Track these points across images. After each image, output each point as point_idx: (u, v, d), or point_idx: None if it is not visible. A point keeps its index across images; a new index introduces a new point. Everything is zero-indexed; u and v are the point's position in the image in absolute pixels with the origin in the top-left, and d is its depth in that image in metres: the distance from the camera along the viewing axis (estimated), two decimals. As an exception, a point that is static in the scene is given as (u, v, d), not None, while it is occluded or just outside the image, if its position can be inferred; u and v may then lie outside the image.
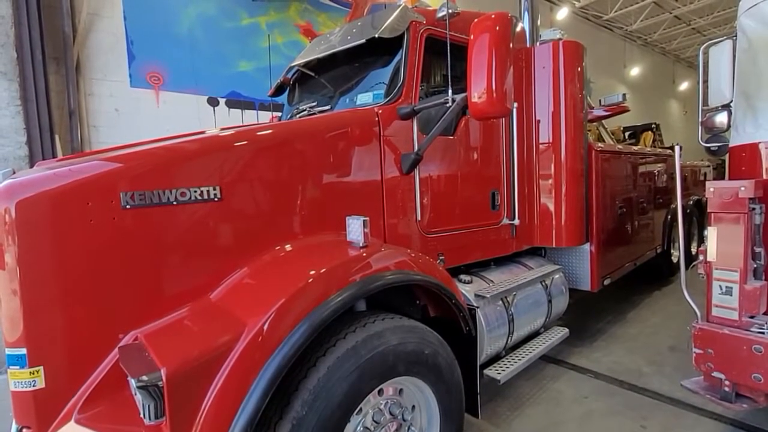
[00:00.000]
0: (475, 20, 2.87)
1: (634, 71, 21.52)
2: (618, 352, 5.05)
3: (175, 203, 2.34)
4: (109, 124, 8.01)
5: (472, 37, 2.85)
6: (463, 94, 2.94)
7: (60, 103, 7.67)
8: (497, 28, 2.79)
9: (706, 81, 3.64)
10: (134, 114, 8.24)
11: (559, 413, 3.88)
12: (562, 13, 16.10)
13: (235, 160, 2.57)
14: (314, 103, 3.75)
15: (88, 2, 7.76)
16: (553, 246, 4.46)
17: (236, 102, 9.62)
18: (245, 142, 2.64)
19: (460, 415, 2.89)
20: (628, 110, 5.49)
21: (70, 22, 7.70)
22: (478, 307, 3.33)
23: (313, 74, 3.97)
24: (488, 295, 3.45)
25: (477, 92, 2.83)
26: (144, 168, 2.31)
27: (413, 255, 2.87)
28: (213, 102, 9.42)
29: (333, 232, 2.89)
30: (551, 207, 4.34)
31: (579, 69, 4.33)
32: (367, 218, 2.61)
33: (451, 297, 2.91)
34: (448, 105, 3.05)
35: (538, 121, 4.33)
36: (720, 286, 3.06)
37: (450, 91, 3.04)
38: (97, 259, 2.16)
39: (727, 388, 3.02)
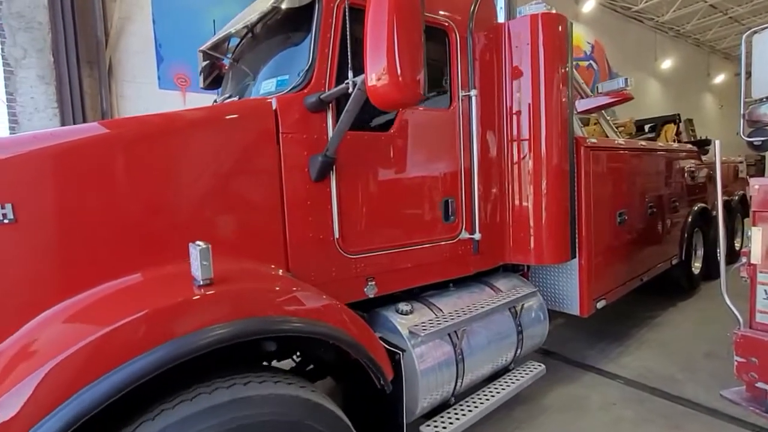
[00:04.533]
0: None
1: (666, 64, 18.71)
2: (648, 358, 4.24)
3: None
4: (138, 125, 7.45)
5: None
6: (363, 76, 1.87)
7: (94, 105, 7.30)
8: (402, -20, 1.69)
9: (748, 71, 3.17)
10: (163, 115, 7.66)
11: (585, 420, 3.28)
12: (589, 5, 13.99)
13: (40, 168, 1.68)
14: (228, 95, 2.78)
15: (120, 7, 7.31)
16: (532, 263, 3.27)
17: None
18: (54, 145, 1.72)
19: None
20: (632, 98, 4.12)
21: (103, 27, 7.25)
22: (403, 351, 2.29)
23: (223, 58, 2.98)
24: (422, 334, 2.38)
25: (375, 72, 1.76)
26: None
27: (285, 292, 1.87)
28: (236, 101, 8.74)
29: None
30: (528, 216, 3.15)
31: (563, 48, 3.07)
32: (208, 245, 1.64)
33: (351, 346, 1.91)
34: (349, 91, 1.98)
35: (518, 112, 3.12)
36: (765, 291, 2.62)
37: (350, 74, 1.98)
38: None
39: (772, 401, 2.55)
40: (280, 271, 2.18)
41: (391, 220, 2.59)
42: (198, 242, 1.65)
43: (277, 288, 1.92)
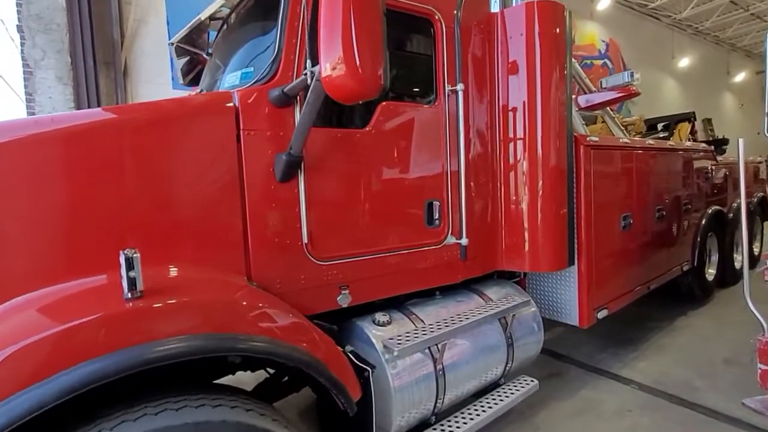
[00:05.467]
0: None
1: (684, 62, 17.77)
2: (665, 363, 3.95)
3: None
4: (153, 124, 7.46)
5: None
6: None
7: (109, 104, 7.26)
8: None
9: (774, 68, 2.76)
10: (176, 114, 7.64)
11: (600, 426, 3.07)
12: (604, 3, 13.33)
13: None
14: (200, 90, 2.56)
15: (135, 10, 7.29)
16: (527, 271, 2.97)
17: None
18: None
19: None
20: (638, 94, 3.74)
21: (119, 29, 7.23)
22: (374, 368, 2.03)
23: (196, 52, 2.77)
24: (396, 349, 2.12)
25: (330, 61, 1.50)
26: None
27: (231, 304, 1.65)
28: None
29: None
30: (522, 220, 2.85)
31: (561, 39, 2.75)
32: (137, 254, 1.41)
33: (307, 365, 1.67)
34: (308, 83, 1.74)
35: (512, 108, 2.82)
36: (790, 296, 2.32)
37: (308, 63, 1.73)
38: None
39: (799, 412, 2.32)
40: (240, 279, 1.95)
41: (367, 224, 2.33)
42: (127, 250, 1.43)
43: (223, 300, 1.68)
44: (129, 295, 1.42)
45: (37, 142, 1.62)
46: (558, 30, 2.74)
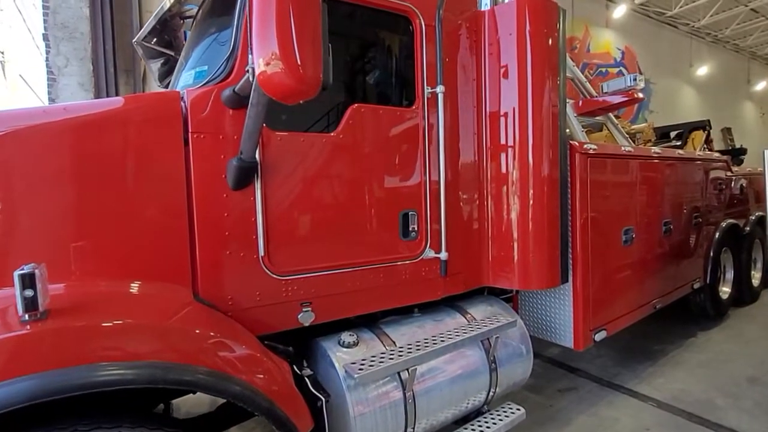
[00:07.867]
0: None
1: (702, 71, 16.86)
2: (684, 379, 3.69)
3: None
4: (169, 129, 7.46)
5: None
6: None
7: None
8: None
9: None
10: (192, 120, 7.66)
11: None
12: (620, 11, 12.74)
13: None
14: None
15: None
16: (515, 288, 2.66)
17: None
18: None
19: None
20: (641, 99, 3.36)
21: None
22: (327, 398, 1.77)
23: (169, 53, 2.57)
24: (356, 375, 1.85)
25: (263, 56, 1.27)
26: None
27: (153, 328, 1.42)
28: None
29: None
30: (510, 233, 2.54)
31: (555, 40, 2.44)
32: (36, 270, 1.19)
33: (237, 396, 1.43)
34: (250, 80, 1.51)
35: (499, 112, 2.52)
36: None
37: (250, 57, 1.50)
38: None
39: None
40: (185, 295, 1.72)
41: (333, 235, 2.08)
42: (24, 266, 1.22)
43: (149, 321, 1.45)
44: (26, 317, 1.21)
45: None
46: (551, 30, 2.43)
